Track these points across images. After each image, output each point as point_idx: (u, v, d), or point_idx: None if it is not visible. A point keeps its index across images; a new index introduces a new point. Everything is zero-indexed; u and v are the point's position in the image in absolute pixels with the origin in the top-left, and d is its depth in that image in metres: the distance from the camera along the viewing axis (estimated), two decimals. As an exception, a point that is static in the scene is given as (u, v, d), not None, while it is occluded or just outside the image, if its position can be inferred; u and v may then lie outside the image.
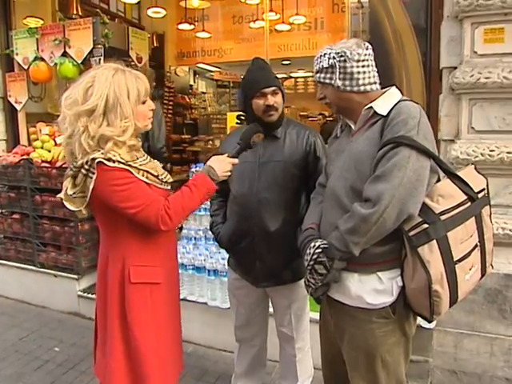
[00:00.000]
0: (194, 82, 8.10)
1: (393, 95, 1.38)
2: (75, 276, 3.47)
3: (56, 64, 3.57)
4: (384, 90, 1.41)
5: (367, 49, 1.37)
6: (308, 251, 1.36)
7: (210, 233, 2.99)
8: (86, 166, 1.36)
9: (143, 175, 1.42)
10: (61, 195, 1.44)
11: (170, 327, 1.59)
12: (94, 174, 1.34)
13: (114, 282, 1.49)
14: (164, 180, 1.51)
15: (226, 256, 2.45)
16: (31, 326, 3.30)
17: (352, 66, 1.34)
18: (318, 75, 1.42)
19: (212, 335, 2.89)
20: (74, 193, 1.40)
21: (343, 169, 1.38)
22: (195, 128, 7.39)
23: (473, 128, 2.42)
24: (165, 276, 1.54)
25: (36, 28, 3.70)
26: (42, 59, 3.70)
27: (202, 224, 3.08)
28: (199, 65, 6.95)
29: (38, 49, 3.69)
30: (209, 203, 2.11)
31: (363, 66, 1.36)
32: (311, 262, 1.34)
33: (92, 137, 1.34)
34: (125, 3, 5.53)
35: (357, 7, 3.17)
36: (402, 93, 1.41)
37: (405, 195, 1.20)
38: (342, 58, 1.34)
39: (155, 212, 1.38)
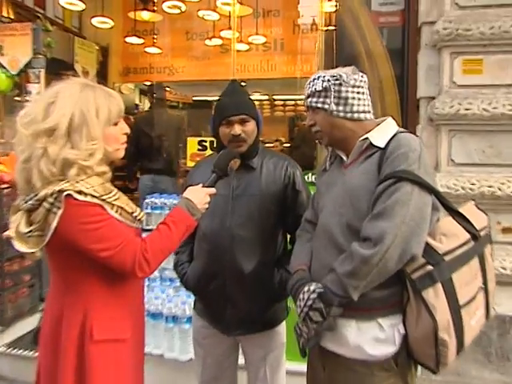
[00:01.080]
0: (140, 101, 7.98)
1: (389, 126, 1.41)
2: (-3, 327, 3.15)
3: (-15, 74, 3.34)
4: (378, 120, 1.44)
5: (362, 77, 1.41)
6: (301, 296, 1.33)
7: (166, 273, 2.94)
8: (51, 199, 1.24)
9: (117, 211, 1.34)
10: (10, 233, 1.29)
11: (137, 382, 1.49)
12: (59, 208, 1.23)
13: (71, 339, 1.34)
14: (137, 218, 1.44)
15: (186, 300, 2.31)
16: None
17: (347, 91, 1.37)
18: (309, 100, 1.43)
19: (169, 394, 2.71)
20: (30, 231, 1.27)
21: (337, 204, 1.39)
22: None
23: (452, 160, 2.55)
24: (132, 330, 1.43)
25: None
26: (-31, 68, 3.45)
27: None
28: (146, 83, 6.89)
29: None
30: None
31: (358, 93, 1.38)
32: (305, 309, 1.30)
33: (53, 161, 1.25)
34: (64, 9, 5.35)
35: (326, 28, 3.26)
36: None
37: (408, 234, 1.20)
38: (338, 82, 1.37)
39: (131, 255, 1.30)
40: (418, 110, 2.73)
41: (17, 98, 3.65)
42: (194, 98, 8.07)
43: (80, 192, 1.25)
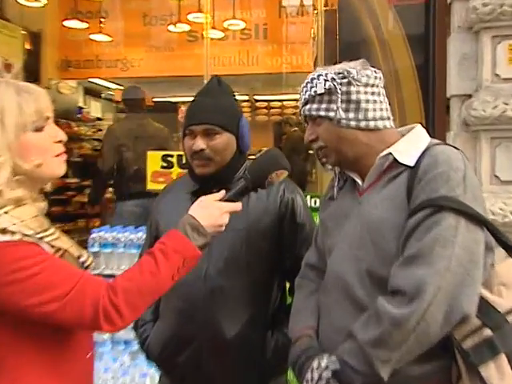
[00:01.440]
0: (85, 103, 7.99)
1: (419, 137, 1.38)
2: None
3: None
4: (401, 129, 1.42)
5: (376, 72, 1.39)
6: (309, 376, 1.27)
7: (120, 333, 2.83)
8: None
9: (57, 252, 1.26)
10: None
11: None
12: None
13: None
14: (85, 264, 1.37)
15: (148, 370, 2.27)
16: None
17: (358, 92, 1.34)
18: (307, 107, 1.40)
19: None
20: None
21: (352, 244, 1.35)
22: (86, 168, 6.98)
23: (497, 177, 2.44)
24: None
25: None
26: None
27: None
28: (93, 79, 6.91)
29: None
30: None
31: (373, 94, 1.36)
32: None
33: None
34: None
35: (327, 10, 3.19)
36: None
37: (455, 285, 1.15)
38: (345, 80, 1.34)
39: (91, 302, 1.21)
40: (449, 111, 2.62)
41: None
42: (155, 100, 7.91)
43: (4, 231, 1.16)
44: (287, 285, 1.85)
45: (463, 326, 1.18)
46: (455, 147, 1.32)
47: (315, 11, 4.10)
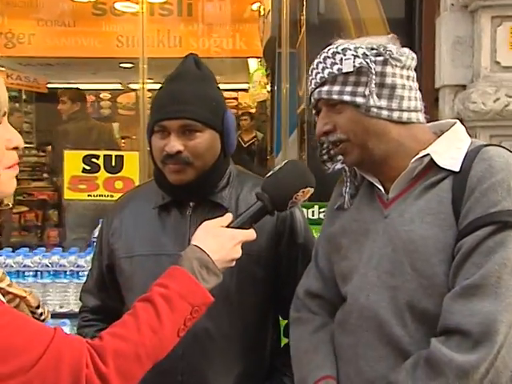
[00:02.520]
0: None
1: (459, 136, 1.36)
2: None
3: None
4: (433, 126, 1.40)
5: (411, 53, 1.36)
6: None
7: None
8: None
9: (11, 302, 1.19)
10: None
11: None
12: None
13: None
14: (42, 317, 1.25)
15: None
16: None
17: (395, 74, 1.30)
18: (325, 89, 1.34)
19: None
20: None
21: (383, 270, 1.31)
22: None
23: None
24: None
25: None
26: None
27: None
28: None
29: None
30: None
31: (408, 78, 1.33)
32: None
33: None
34: None
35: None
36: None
37: None
38: (380, 58, 1.29)
39: (71, 371, 1.09)
40: (437, 104, 2.66)
41: None
42: (49, 86, 7.87)
43: None
44: (283, 323, 1.81)
45: None
46: (509, 149, 1.30)
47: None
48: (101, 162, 2.99)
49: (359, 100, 1.29)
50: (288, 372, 1.53)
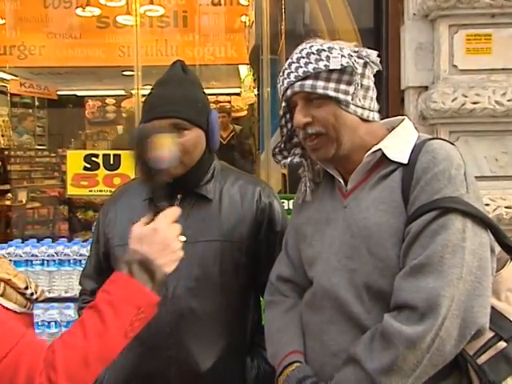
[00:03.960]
0: None
1: (408, 131, 1.35)
2: None
3: None
4: (385, 123, 1.39)
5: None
6: None
7: None
8: None
9: None
10: None
11: None
12: None
13: None
14: (34, 297, 1.24)
15: None
16: None
17: (369, 77, 1.31)
18: (308, 83, 1.28)
19: None
20: None
21: (342, 255, 1.30)
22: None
23: None
24: None
25: None
26: None
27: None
28: None
29: None
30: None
31: (373, 81, 1.34)
32: None
33: None
34: None
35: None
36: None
37: (467, 295, 1.13)
38: (362, 61, 1.29)
39: (26, 378, 1.05)
40: (403, 104, 2.65)
41: None
42: (59, 93, 7.80)
43: None
44: (263, 303, 1.76)
45: (477, 340, 1.16)
46: (450, 142, 1.30)
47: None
48: (100, 160, 2.96)
49: (342, 96, 1.27)
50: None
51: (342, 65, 1.25)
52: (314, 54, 1.28)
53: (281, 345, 1.40)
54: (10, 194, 6.42)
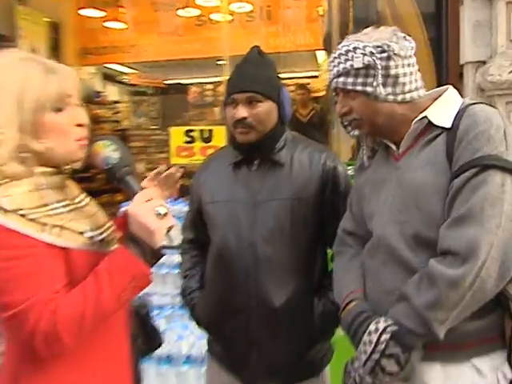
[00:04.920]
0: (103, 87, 7.93)
1: (452, 99, 1.30)
2: None
3: None
4: (432, 93, 1.32)
5: (411, 42, 1.30)
6: (367, 338, 1.21)
7: (155, 299, 2.77)
8: None
9: (51, 233, 1.12)
10: None
11: None
12: None
13: None
14: (98, 239, 1.22)
15: (188, 336, 2.34)
16: None
17: (397, 66, 1.25)
18: (341, 80, 1.30)
19: None
20: None
21: (395, 208, 1.29)
22: (106, 148, 7.05)
23: None
24: None
25: None
26: None
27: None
28: (109, 65, 6.86)
29: None
30: (180, 258, 1.90)
31: (409, 65, 1.28)
32: (375, 356, 1.18)
33: None
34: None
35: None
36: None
37: (506, 241, 1.10)
38: (385, 55, 1.24)
39: (33, 324, 1.08)
40: (462, 78, 2.50)
41: None
42: (167, 82, 8.08)
43: None
44: (330, 252, 1.74)
45: None
46: (491, 105, 1.24)
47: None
48: (197, 134, 2.97)
49: (369, 89, 1.26)
50: (331, 289, 1.51)
51: (363, 63, 1.24)
52: (343, 54, 1.28)
53: (344, 286, 1.41)
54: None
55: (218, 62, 6.97)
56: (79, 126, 1.20)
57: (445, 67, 2.61)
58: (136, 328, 1.49)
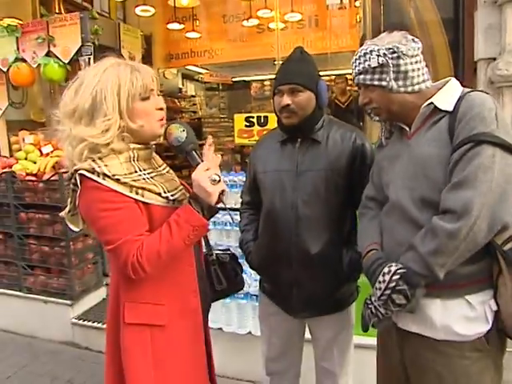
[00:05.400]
0: (183, 84, 7.96)
1: (454, 87, 1.27)
2: (68, 301, 3.12)
3: (39, 65, 3.23)
4: (438, 83, 1.30)
5: (417, 42, 1.27)
6: (382, 278, 1.22)
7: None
8: (73, 180, 1.21)
9: (138, 193, 1.20)
10: (63, 213, 1.30)
11: (185, 380, 1.34)
12: (78, 188, 1.19)
13: (109, 320, 1.33)
14: (172, 198, 1.28)
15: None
16: (19, 360, 2.93)
17: (406, 64, 1.24)
18: (361, 77, 1.30)
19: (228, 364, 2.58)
20: (69, 210, 1.27)
21: (406, 177, 1.27)
22: (185, 132, 7.19)
23: None
24: (173, 317, 1.30)
25: (15, 25, 3.34)
26: (24, 60, 3.34)
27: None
28: (188, 67, 6.81)
29: (18, 49, 3.33)
30: (238, 216, 1.92)
31: (416, 62, 1.26)
32: (387, 291, 1.20)
33: (72, 141, 1.21)
34: (109, 2, 5.24)
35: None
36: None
37: (495, 202, 1.09)
38: (395, 55, 1.23)
39: (125, 256, 1.17)
40: (476, 73, 2.42)
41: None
42: (234, 79, 8.01)
43: (93, 171, 1.16)
44: (357, 213, 1.70)
45: (503, 233, 1.13)
46: (486, 92, 1.22)
47: (357, 1, 3.85)
48: (255, 120, 2.97)
49: (384, 84, 1.26)
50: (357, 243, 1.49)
51: (378, 63, 1.23)
52: (362, 56, 1.27)
53: (365, 239, 1.41)
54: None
55: (274, 62, 6.95)
56: (160, 109, 1.28)
57: (461, 63, 2.53)
58: (222, 273, 1.55)
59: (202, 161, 1.25)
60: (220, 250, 1.72)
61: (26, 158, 3.24)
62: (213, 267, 1.54)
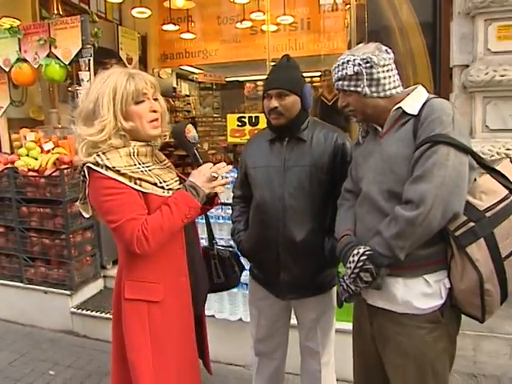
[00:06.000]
0: (178, 84, 7.96)
1: (420, 94, 1.36)
2: (67, 292, 3.26)
3: (41, 65, 3.36)
4: (408, 90, 1.38)
5: (389, 53, 1.36)
6: (351, 259, 1.32)
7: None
8: (82, 172, 1.35)
9: (136, 183, 1.33)
10: (77, 203, 1.46)
11: (177, 351, 1.48)
12: (86, 179, 1.33)
13: (114, 297, 1.47)
14: (167, 187, 1.41)
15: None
16: (21, 347, 3.07)
17: (378, 72, 1.33)
18: (340, 83, 1.39)
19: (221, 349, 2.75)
20: (80, 199, 1.41)
21: (376, 172, 1.36)
22: (179, 131, 7.18)
23: (487, 126, 2.40)
24: (167, 294, 1.43)
25: (18, 27, 3.48)
26: (25, 60, 3.46)
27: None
28: (182, 67, 6.84)
29: (20, 49, 3.45)
30: (230, 209, 2.02)
31: (388, 71, 1.34)
32: (356, 270, 1.30)
33: (79, 139, 1.36)
34: (106, 3, 5.33)
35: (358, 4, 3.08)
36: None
37: (448, 194, 1.18)
38: (368, 65, 1.32)
39: (131, 231, 1.30)
40: (451, 78, 2.57)
41: (69, 89, 3.73)
42: (227, 79, 8.02)
43: (97, 164, 1.30)
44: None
45: (455, 221, 1.23)
46: (446, 98, 1.34)
47: (347, 6, 4.00)
48: (246, 120, 3.03)
49: (359, 89, 1.34)
50: None
51: (354, 71, 1.33)
52: (340, 65, 1.37)
53: (341, 226, 1.50)
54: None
55: (267, 63, 7.02)
56: (153, 112, 1.39)
57: (438, 68, 2.66)
58: (221, 267, 1.74)
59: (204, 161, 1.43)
60: (222, 246, 1.85)
61: (27, 155, 3.37)
62: (213, 261, 1.70)
